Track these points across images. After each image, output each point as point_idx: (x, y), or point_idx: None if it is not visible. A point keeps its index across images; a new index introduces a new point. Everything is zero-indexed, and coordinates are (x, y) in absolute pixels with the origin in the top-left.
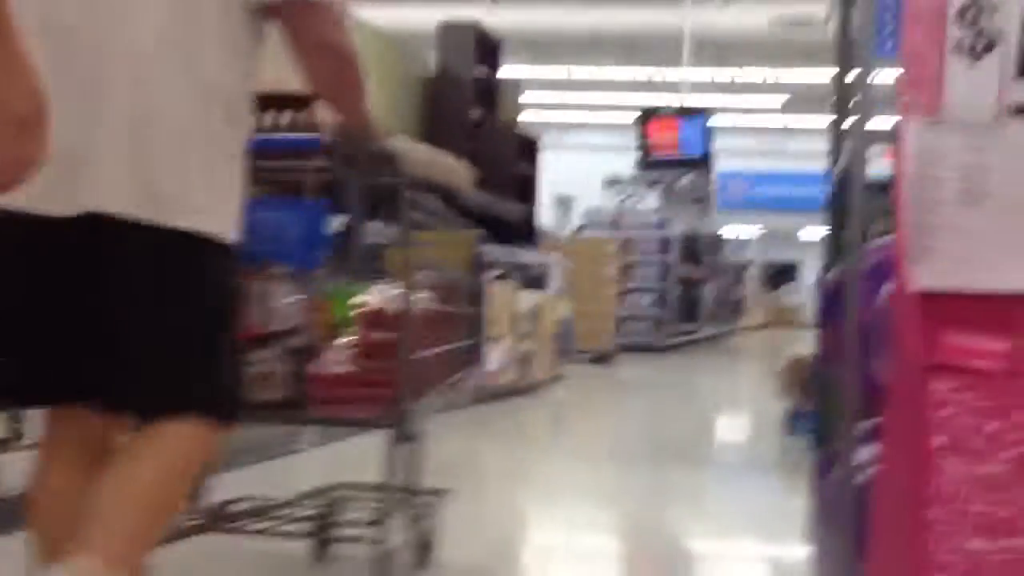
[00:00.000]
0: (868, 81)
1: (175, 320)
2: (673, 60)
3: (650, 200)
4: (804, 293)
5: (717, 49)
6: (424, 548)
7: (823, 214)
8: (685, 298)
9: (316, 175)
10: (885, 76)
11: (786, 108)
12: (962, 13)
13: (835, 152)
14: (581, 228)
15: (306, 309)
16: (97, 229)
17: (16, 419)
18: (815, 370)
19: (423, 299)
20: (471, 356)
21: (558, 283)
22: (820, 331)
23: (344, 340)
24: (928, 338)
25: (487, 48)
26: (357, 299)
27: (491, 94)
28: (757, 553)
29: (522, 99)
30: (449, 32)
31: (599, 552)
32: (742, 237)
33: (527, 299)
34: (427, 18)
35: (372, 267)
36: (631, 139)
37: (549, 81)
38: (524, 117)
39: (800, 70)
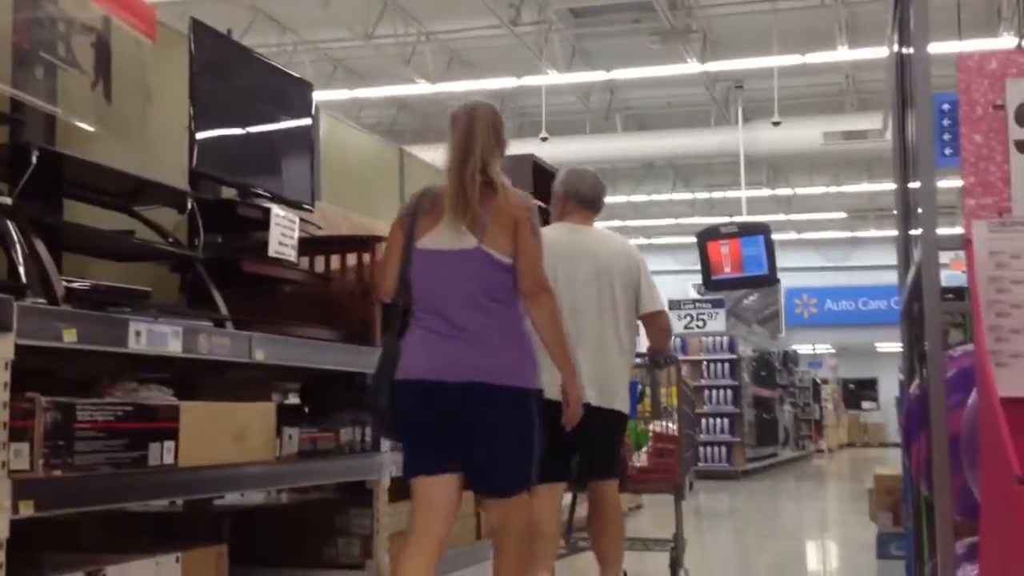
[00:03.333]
0: (932, 188)
1: (609, 444)
2: (731, 182)
3: (716, 322)
4: (885, 409)
5: (772, 167)
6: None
7: (898, 326)
8: (761, 420)
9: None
10: (945, 182)
11: (848, 222)
12: (1021, 113)
13: (904, 263)
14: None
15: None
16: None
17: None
18: (905, 489)
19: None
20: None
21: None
22: (906, 447)
23: (642, 450)
24: (1019, 447)
25: (544, 178)
26: (647, 427)
27: (547, 221)
28: None
29: None
30: (510, 164)
31: None
32: (815, 353)
33: None
34: None
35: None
36: (693, 261)
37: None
38: None
39: (859, 185)
